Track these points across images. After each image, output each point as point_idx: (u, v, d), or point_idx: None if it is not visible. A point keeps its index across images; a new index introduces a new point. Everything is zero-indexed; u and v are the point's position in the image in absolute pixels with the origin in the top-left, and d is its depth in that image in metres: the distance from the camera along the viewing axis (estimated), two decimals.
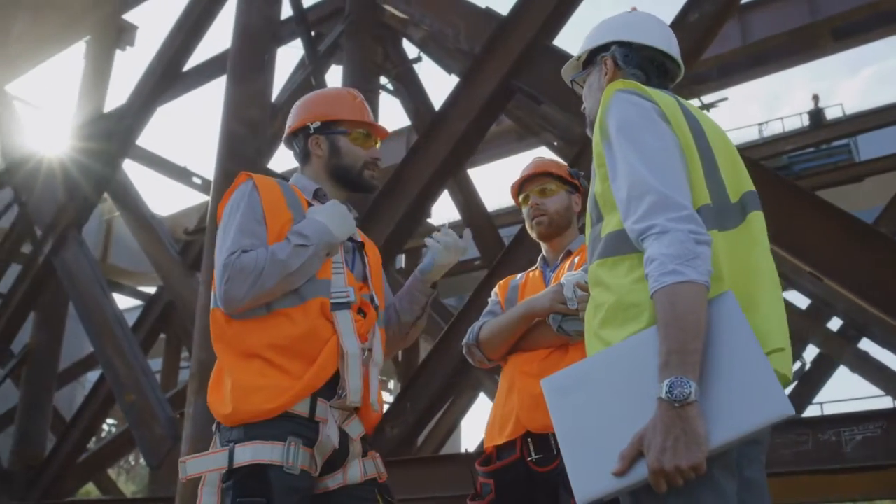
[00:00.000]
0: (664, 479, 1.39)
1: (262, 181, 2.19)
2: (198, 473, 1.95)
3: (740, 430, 1.41)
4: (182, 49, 7.03)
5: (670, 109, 1.68)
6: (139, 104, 7.14)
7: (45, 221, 7.51)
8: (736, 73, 12.65)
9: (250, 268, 1.99)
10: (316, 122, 2.33)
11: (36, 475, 7.84)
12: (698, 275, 1.47)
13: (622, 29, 1.94)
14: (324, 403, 2.03)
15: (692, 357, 1.42)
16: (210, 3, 6.97)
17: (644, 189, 1.56)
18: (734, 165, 1.76)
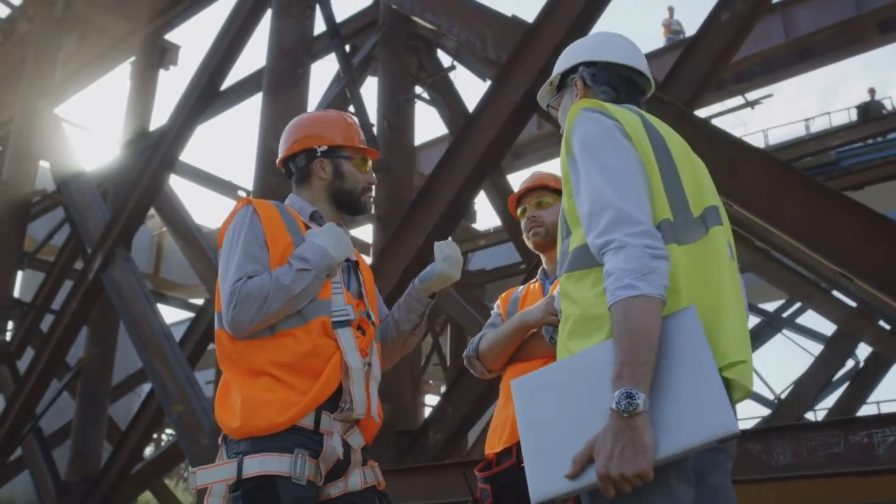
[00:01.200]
0: (611, 485, 1.44)
1: (261, 206, 2.27)
2: (207, 484, 2.03)
3: (686, 443, 1.45)
4: (219, 68, 7.19)
5: (632, 126, 1.72)
6: (180, 123, 7.32)
7: (93, 239, 7.73)
8: (780, 69, 12.47)
9: (256, 293, 2.07)
10: (323, 145, 2.40)
11: (93, 485, 8.05)
12: (653, 289, 1.51)
13: (588, 50, 2.01)
14: (328, 416, 2.11)
15: (643, 369, 1.47)
16: (245, 23, 7.11)
17: (604, 205, 1.61)
18: (698, 180, 1.78)
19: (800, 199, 3.89)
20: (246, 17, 7.13)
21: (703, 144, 4.21)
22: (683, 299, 1.59)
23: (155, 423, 7.72)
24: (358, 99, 7.49)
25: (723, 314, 1.63)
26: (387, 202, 7.54)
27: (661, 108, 4.42)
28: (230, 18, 7.22)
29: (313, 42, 6.99)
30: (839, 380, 11.80)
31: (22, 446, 8.77)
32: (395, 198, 7.49)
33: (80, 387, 9.25)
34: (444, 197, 5.21)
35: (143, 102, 10.29)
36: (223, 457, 2.08)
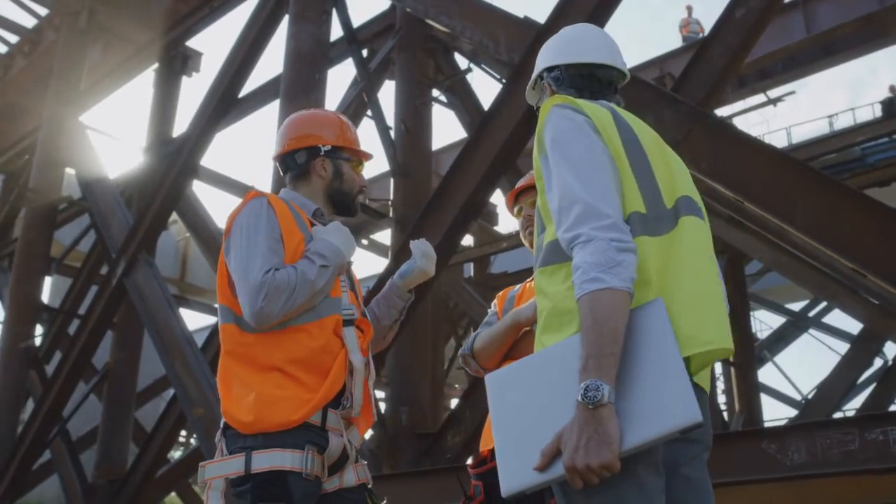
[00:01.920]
0: (578, 477, 1.45)
1: (275, 201, 2.29)
2: (216, 477, 2.05)
3: (650, 434, 1.46)
4: (237, 75, 7.27)
5: (601, 121, 1.74)
6: (199, 130, 7.40)
7: (117, 244, 7.84)
8: (803, 65, 12.34)
9: (284, 286, 2.09)
10: (327, 145, 2.43)
11: (119, 487, 8.15)
12: (619, 282, 1.53)
13: (550, 53, 2.04)
14: (334, 414, 2.15)
15: (608, 361, 1.49)
16: (262, 30, 7.18)
17: (572, 200, 1.63)
18: (671, 172, 1.79)
19: (813, 195, 3.86)
20: (263, 24, 7.20)
21: (717, 143, 4.21)
22: (654, 290, 1.61)
23: (179, 426, 7.81)
24: (375, 103, 7.54)
25: (694, 304, 1.64)
26: (404, 205, 7.57)
27: (674, 107, 4.41)
28: (248, 25, 7.30)
29: (330, 47, 7.03)
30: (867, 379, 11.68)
31: (50, 449, 8.90)
32: (413, 200, 7.52)
33: (105, 390, 9.38)
34: (459, 198, 5.23)
35: (165, 109, 10.41)
36: (223, 451, 2.11)
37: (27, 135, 10.85)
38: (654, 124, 4.33)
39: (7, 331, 8.97)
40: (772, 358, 13.97)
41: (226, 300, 2.23)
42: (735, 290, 12.20)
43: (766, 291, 15.66)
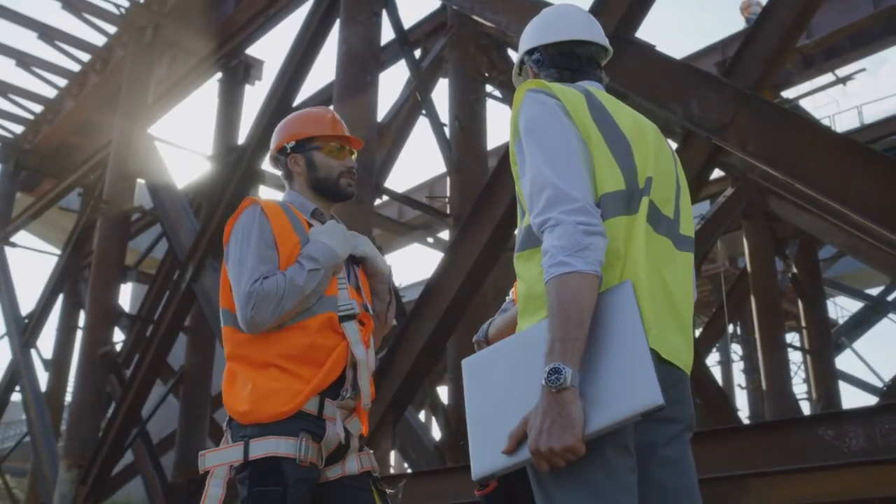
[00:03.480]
0: (543, 460, 1.46)
1: (268, 206, 2.36)
2: (216, 465, 2.13)
3: (613, 417, 1.46)
4: (291, 82, 7.42)
5: (573, 104, 1.73)
6: (257, 139, 7.57)
7: (185, 250, 8.08)
8: (872, 42, 11.92)
9: (272, 294, 2.17)
10: (291, 141, 2.50)
11: (197, 486, 8.40)
12: (586, 265, 1.52)
13: (528, 37, 2.03)
14: (331, 403, 2.22)
15: (573, 345, 1.49)
16: (315, 36, 7.32)
17: (543, 184, 1.63)
18: (646, 151, 1.78)
19: (866, 174, 3.76)
20: (315, 30, 7.34)
21: (764, 125, 4.13)
22: (628, 269, 1.61)
23: None
24: (429, 102, 7.59)
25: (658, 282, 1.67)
26: (461, 202, 7.61)
27: (720, 91, 4.34)
28: (300, 33, 7.44)
29: (381, 49, 7.11)
30: None
31: (133, 451, 9.23)
32: (469, 196, 7.54)
33: (182, 393, 9.67)
34: (508, 192, 5.24)
35: (230, 118, 10.69)
36: (227, 440, 2.19)
37: (100, 149, 11.25)
38: (700, 109, 4.31)
39: (86, 337, 9.33)
40: (850, 344, 13.54)
41: (226, 304, 2.32)
42: (808, 275, 11.89)
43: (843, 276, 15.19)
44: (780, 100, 10.81)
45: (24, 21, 11.16)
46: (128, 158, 9.74)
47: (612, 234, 1.62)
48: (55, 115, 12.82)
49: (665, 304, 1.71)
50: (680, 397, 1.72)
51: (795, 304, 13.15)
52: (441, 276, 5.59)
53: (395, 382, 5.52)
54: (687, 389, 1.75)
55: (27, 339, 11.45)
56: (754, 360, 12.63)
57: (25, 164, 13.36)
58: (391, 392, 5.52)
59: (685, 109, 4.32)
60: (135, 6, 10.43)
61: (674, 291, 1.74)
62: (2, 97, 12.64)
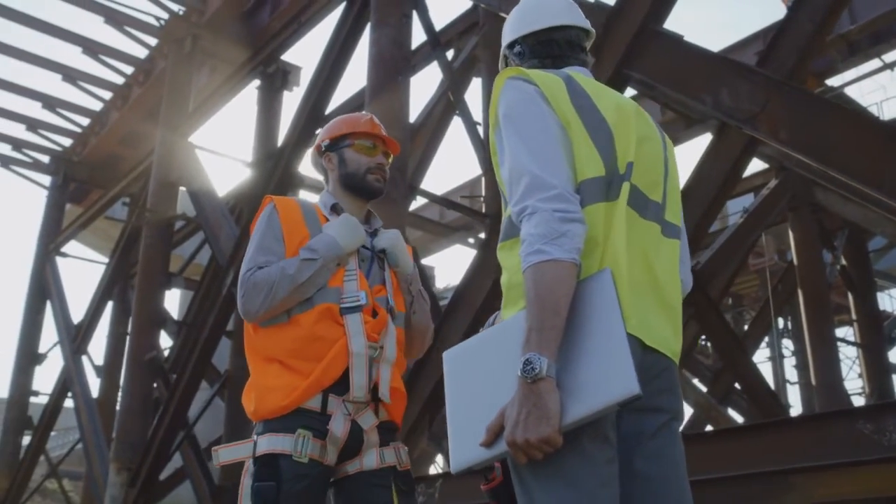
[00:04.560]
0: (520, 452, 1.43)
1: (281, 202, 2.43)
2: (227, 461, 2.21)
3: (590, 408, 1.43)
4: (324, 90, 7.49)
5: (551, 90, 1.70)
6: (293, 145, 7.65)
7: (225, 255, 8.18)
8: None
9: (262, 283, 2.22)
10: (326, 141, 2.58)
11: None
12: (563, 253, 1.50)
13: (507, 31, 2.02)
14: (335, 399, 2.23)
15: (549, 334, 1.46)
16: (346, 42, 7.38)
17: (521, 172, 1.61)
18: (628, 135, 1.74)
19: None
20: (347, 35, 7.40)
21: (796, 112, 4.03)
22: (608, 256, 1.59)
23: None
24: (462, 102, 7.57)
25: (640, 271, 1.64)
26: (495, 200, 7.58)
27: (750, 79, 4.26)
28: (332, 38, 7.50)
29: (413, 50, 7.12)
30: None
31: (182, 455, 9.37)
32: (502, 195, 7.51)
33: (227, 396, 9.79)
34: None
35: (269, 124, 10.81)
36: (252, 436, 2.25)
37: (144, 159, 11.46)
38: (730, 98, 4.23)
39: (132, 343, 9.50)
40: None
41: None
42: (857, 267, 11.61)
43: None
44: (825, 88, 10.57)
45: (68, 36, 11.41)
46: (170, 167, 9.91)
47: (592, 220, 1.60)
48: (101, 128, 13.11)
49: (650, 291, 1.68)
50: (667, 386, 1.69)
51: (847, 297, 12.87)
52: (473, 275, 5.58)
53: (430, 382, 5.52)
54: (675, 378, 1.72)
55: (77, 346, 11.70)
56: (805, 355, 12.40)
57: (74, 176, 13.68)
58: (426, 392, 5.52)
59: (715, 99, 4.25)
60: (173, 18, 10.61)
61: (660, 278, 1.71)
62: (50, 111, 12.94)
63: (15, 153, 13.59)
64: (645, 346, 1.61)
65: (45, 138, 13.57)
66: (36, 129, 13.28)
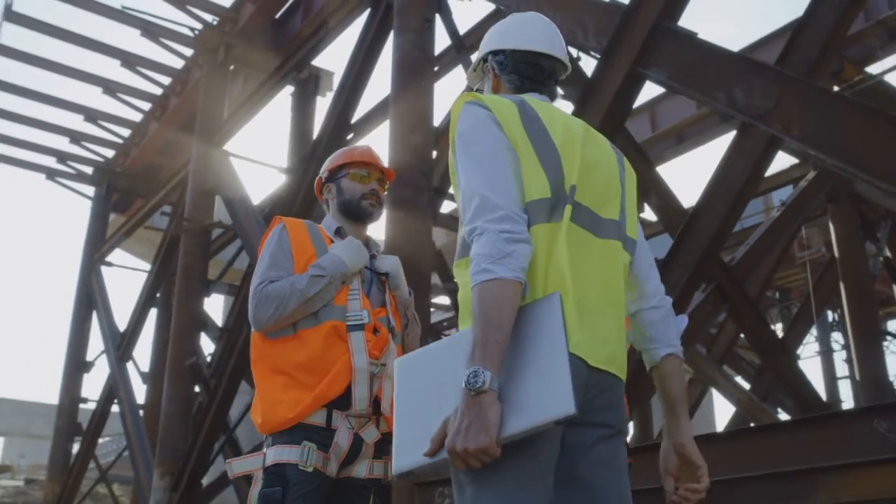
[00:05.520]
0: (459, 460, 1.50)
1: (291, 223, 2.62)
2: (240, 473, 2.39)
3: (528, 423, 1.50)
4: (350, 97, 7.57)
5: (503, 114, 1.76)
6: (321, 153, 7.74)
7: None
8: None
9: (274, 295, 2.38)
10: (325, 173, 2.80)
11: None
12: (508, 272, 1.56)
13: (496, 38, 2.06)
14: (339, 414, 2.37)
15: (493, 349, 1.52)
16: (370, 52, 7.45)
17: (472, 194, 1.68)
18: (573, 158, 1.79)
19: None
20: (372, 42, 7.47)
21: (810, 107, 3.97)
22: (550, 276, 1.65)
23: None
24: None
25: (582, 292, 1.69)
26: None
27: (762, 75, 4.20)
28: (357, 45, 7.58)
29: (434, 55, 7.15)
30: None
31: (224, 459, 9.52)
32: None
33: None
34: None
35: (303, 130, 10.95)
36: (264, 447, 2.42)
37: (182, 168, 11.68)
38: (743, 95, 4.19)
39: (172, 349, 9.68)
40: None
41: None
42: None
43: None
44: (864, 76, 10.35)
45: (107, 50, 11.67)
46: (206, 176, 10.08)
47: (535, 240, 1.66)
48: (142, 138, 13.38)
49: (606, 309, 1.75)
50: (611, 402, 1.76)
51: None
52: None
53: None
54: (620, 395, 1.79)
55: (122, 353, 11.96)
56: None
57: (117, 187, 13.99)
58: None
59: (728, 96, 4.21)
60: (206, 28, 10.79)
61: (615, 296, 1.78)
62: (92, 123, 13.25)
63: (60, 165, 13.94)
64: (590, 366, 1.68)
65: (88, 150, 13.90)
66: (79, 142, 13.61)
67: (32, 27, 11.07)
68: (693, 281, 5.40)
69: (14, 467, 30.41)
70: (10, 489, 19.35)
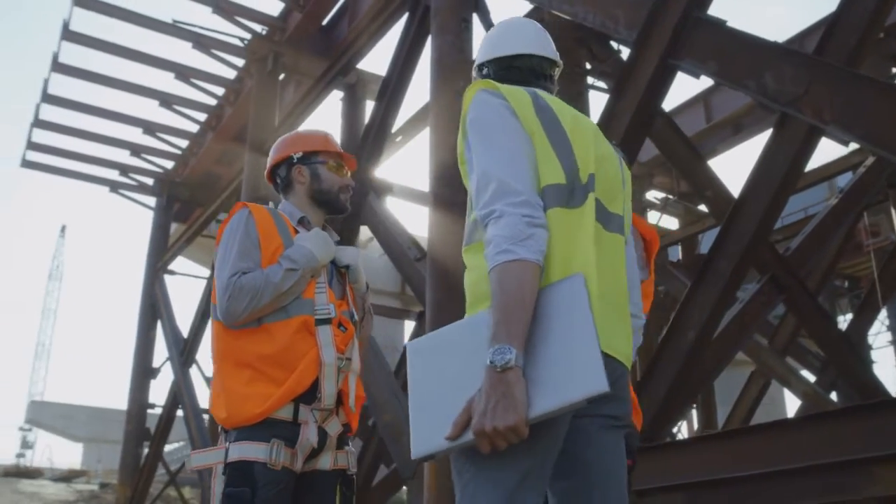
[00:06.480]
0: (486, 441, 1.47)
1: (257, 210, 2.53)
2: (200, 466, 2.35)
3: (559, 401, 1.48)
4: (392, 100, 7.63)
5: (519, 102, 1.79)
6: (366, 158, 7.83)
7: None
8: None
9: (248, 287, 2.33)
10: (299, 152, 2.68)
11: None
12: (529, 253, 1.58)
13: (479, 53, 2.12)
14: (305, 408, 2.34)
15: (517, 327, 1.52)
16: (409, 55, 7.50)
17: (488, 179, 1.69)
18: (586, 149, 1.81)
19: None
20: (411, 45, 7.52)
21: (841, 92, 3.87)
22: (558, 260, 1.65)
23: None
24: None
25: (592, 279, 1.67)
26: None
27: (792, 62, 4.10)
28: (397, 49, 7.64)
29: (473, 55, 7.16)
30: None
31: None
32: None
33: None
34: None
35: (353, 134, 11.04)
36: (222, 441, 2.36)
37: (236, 177, 11.91)
38: (773, 82, 4.10)
39: None
40: None
41: (215, 299, 2.46)
42: None
43: None
44: None
45: (161, 63, 11.97)
46: (258, 184, 10.25)
47: (552, 224, 1.67)
48: (199, 148, 13.70)
49: (615, 301, 1.75)
50: (620, 395, 1.75)
51: None
52: None
53: None
54: (627, 386, 1.79)
55: (185, 358, 12.26)
56: None
57: (177, 196, 14.36)
58: None
59: (758, 84, 4.12)
60: (255, 38, 10.98)
61: (621, 288, 1.79)
62: (151, 136, 13.61)
63: (122, 178, 14.37)
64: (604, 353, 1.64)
65: (148, 162, 14.29)
66: (139, 154, 14.00)
67: (90, 45, 11.43)
68: (739, 271, 5.30)
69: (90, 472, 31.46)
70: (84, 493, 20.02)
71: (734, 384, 11.99)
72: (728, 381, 14.84)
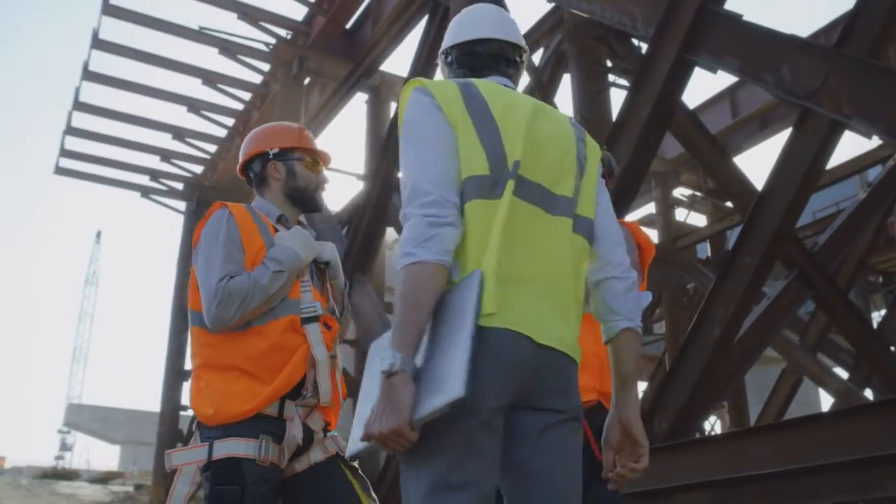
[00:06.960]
0: (380, 443, 1.51)
1: (237, 210, 2.46)
2: (181, 465, 2.26)
3: (430, 407, 1.49)
4: None
5: (444, 97, 1.77)
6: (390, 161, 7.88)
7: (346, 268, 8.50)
8: None
9: (237, 292, 2.27)
10: (275, 148, 2.60)
11: None
12: (430, 254, 1.58)
13: (447, 36, 2.08)
14: (290, 404, 2.32)
15: (408, 329, 1.54)
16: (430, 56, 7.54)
17: (405, 181, 1.71)
18: (516, 135, 1.77)
19: None
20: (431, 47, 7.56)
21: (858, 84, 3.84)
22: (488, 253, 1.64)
23: None
24: (550, 101, 7.56)
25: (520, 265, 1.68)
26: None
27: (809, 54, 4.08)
28: (417, 51, 7.72)
29: None
30: None
31: None
32: None
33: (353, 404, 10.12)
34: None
35: (378, 135, 11.12)
36: (196, 440, 2.30)
37: None
38: (790, 75, 4.08)
39: None
40: None
41: (194, 304, 2.41)
42: None
43: None
44: None
45: (188, 70, 12.13)
46: None
47: (471, 217, 1.67)
48: (227, 153, 13.85)
49: (545, 287, 1.72)
50: (563, 387, 1.72)
51: None
52: None
53: None
54: (573, 378, 1.75)
55: None
56: None
57: (207, 200, 14.50)
58: None
59: (776, 77, 4.10)
60: (280, 43, 11.09)
61: (562, 274, 1.75)
62: (180, 141, 13.80)
63: (153, 183, 14.57)
64: (538, 344, 1.65)
65: (178, 167, 14.47)
66: (169, 160, 14.20)
67: (120, 53, 11.61)
68: (763, 267, 5.27)
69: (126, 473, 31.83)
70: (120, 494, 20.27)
71: (767, 381, 11.86)
72: (761, 379, 14.70)
